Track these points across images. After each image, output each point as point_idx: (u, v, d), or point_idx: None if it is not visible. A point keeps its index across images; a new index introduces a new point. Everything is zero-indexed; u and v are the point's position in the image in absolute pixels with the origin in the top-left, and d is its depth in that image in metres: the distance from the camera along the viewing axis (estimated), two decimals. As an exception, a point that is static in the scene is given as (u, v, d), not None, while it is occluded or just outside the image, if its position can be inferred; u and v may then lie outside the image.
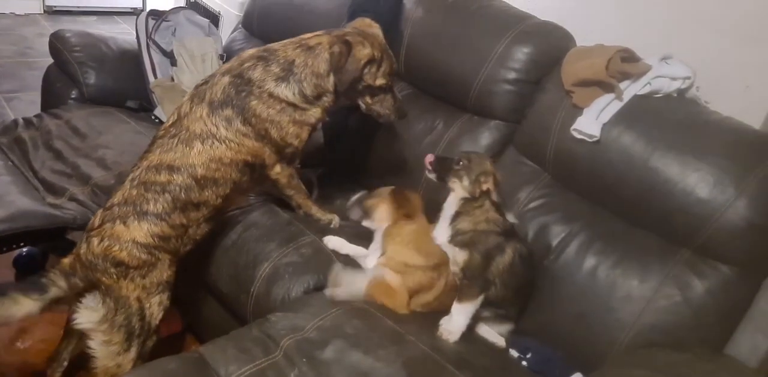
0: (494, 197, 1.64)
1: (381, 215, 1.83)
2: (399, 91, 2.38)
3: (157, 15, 2.82)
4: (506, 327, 1.78)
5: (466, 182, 1.65)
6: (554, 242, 1.87)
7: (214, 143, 1.69)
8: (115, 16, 5.52)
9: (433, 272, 1.75)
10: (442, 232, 1.70)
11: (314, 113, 1.80)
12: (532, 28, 2.09)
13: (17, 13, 5.21)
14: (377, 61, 1.76)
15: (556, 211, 1.93)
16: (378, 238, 1.84)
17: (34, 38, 4.70)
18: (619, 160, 1.78)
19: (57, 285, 1.52)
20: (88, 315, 1.56)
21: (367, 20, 1.90)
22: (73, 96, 2.69)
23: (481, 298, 1.65)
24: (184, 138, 1.70)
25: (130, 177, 1.71)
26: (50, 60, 2.85)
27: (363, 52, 1.72)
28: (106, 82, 2.69)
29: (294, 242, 1.87)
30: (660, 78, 1.79)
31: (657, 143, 1.74)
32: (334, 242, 1.89)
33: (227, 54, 2.87)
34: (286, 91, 1.73)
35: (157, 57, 2.76)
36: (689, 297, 1.65)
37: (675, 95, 1.82)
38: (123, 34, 3.04)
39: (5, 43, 4.62)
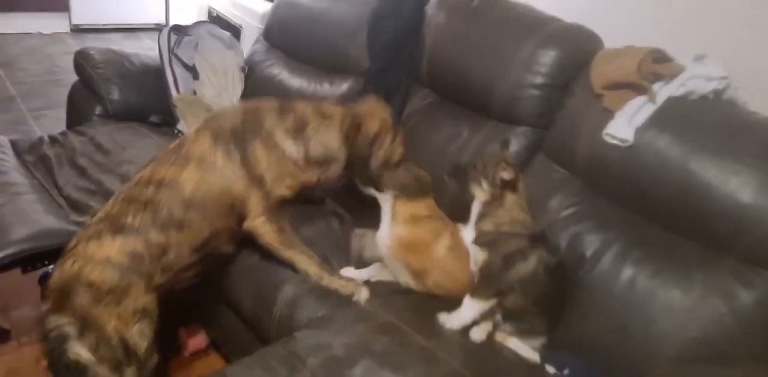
0: (517, 189, 1.63)
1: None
2: (422, 100, 2.37)
3: (179, 30, 2.82)
4: (535, 342, 1.71)
5: (485, 184, 1.63)
6: (588, 252, 1.79)
7: (208, 171, 1.68)
8: (139, 33, 5.59)
9: (440, 221, 1.80)
10: (468, 233, 1.68)
11: (311, 177, 1.80)
12: (558, 31, 2.03)
13: (44, 32, 5.29)
14: (384, 135, 1.83)
15: (589, 219, 1.85)
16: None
17: (60, 57, 4.76)
18: (654, 164, 1.71)
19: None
20: (71, 347, 1.52)
21: (379, 102, 1.96)
22: (97, 112, 2.70)
23: (493, 301, 1.61)
24: (182, 158, 1.68)
25: (115, 195, 1.69)
26: (76, 78, 2.87)
27: (371, 127, 1.79)
28: (129, 98, 2.70)
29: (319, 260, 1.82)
30: (695, 79, 1.72)
31: (694, 146, 1.66)
32: (349, 274, 1.83)
33: (249, 66, 2.87)
34: (292, 147, 1.74)
35: (179, 71, 2.76)
36: (735, 307, 1.56)
37: (711, 96, 1.75)
38: (147, 50, 3.05)
39: (32, 62, 4.69)
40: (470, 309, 1.63)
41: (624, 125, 1.74)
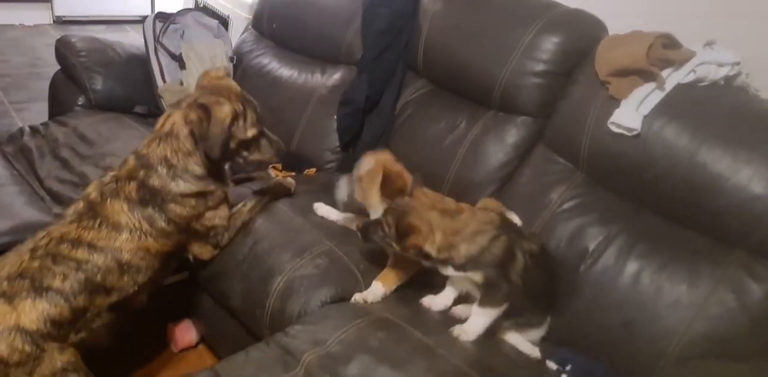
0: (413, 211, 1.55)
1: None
2: (418, 89, 2.30)
3: (164, 17, 2.73)
4: (534, 335, 1.66)
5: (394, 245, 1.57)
6: (591, 246, 1.74)
7: (141, 235, 1.58)
8: (124, 25, 5.49)
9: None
10: (449, 270, 1.58)
11: (222, 191, 1.73)
12: (561, 16, 1.96)
13: (26, 24, 5.18)
14: (241, 113, 1.63)
15: (592, 212, 1.80)
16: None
17: (43, 49, 4.64)
18: (662, 155, 1.65)
19: None
20: None
21: (213, 72, 1.77)
22: (80, 103, 2.61)
23: (506, 305, 1.55)
24: (110, 223, 1.56)
25: (29, 246, 1.52)
26: (59, 69, 2.79)
27: (223, 110, 1.58)
28: (113, 88, 2.61)
29: (308, 252, 1.75)
30: (705, 65, 1.67)
31: (704, 135, 1.61)
32: (323, 210, 1.93)
33: (237, 56, 2.78)
34: (185, 185, 1.63)
35: (165, 60, 2.66)
36: (746, 302, 1.52)
37: (722, 82, 1.70)
38: (132, 42, 2.98)
39: (15, 54, 4.59)
40: (482, 316, 1.57)
41: (630, 114, 1.68)
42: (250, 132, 1.66)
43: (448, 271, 1.58)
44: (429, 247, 1.52)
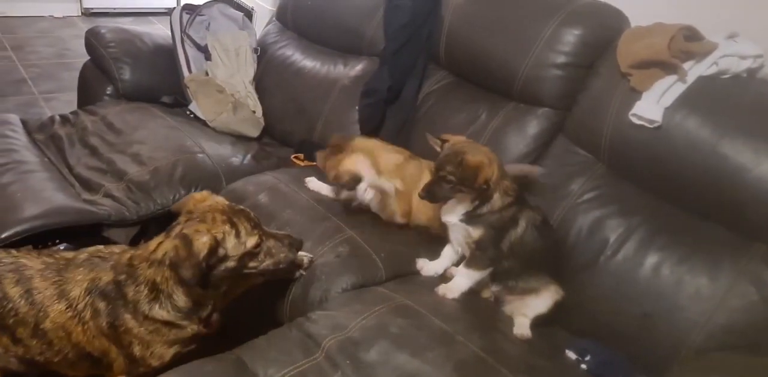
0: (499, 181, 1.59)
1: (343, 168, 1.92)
2: (439, 81, 2.31)
3: (191, 9, 2.77)
4: (535, 304, 1.67)
5: (466, 189, 1.58)
6: (611, 237, 1.75)
7: (76, 318, 1.47)
8: (150, 17, 5.55)
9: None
10: (455, 215, 1.65)
11: (191, 329, 1.54)
12: (582, 8, 1.96)
13: (55, 15, 5.27)
14: (229, 233, 1.46)
15: (613, 203, 1.80)
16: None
17: (71, 40, 4.74)
18: (684, 147, 1.65)
19: None
20: None
21: (197, 195, 1.56)
22: (108, 92, 2.66)
23: (489, 270, 1.64)
24: (61, 289, 1.48)
25: None
26: (87, 61, 2.83)
27: (202, 240, 1.42)
28: (140, 78, 2.65)
29: (330, 239, 1.78)
30: (727, 57, 1.65)
31: (725, 127, 1.60)
32: (314, 184, 2.06)
33: (261, 47, 2.81)
34: (160, 311, 1.49)
35: (191, 51, 2.71)
36: (766, 295, 1.51)
37: (744, 75, 1.69)
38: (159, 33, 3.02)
39: (44, 45, 4.67)
40: (466, 277, 1.66)
41: (652, 106, 1.67)
42: (250, 242, 1.49)
43: (454, 218, 1.64)
44: (491, 178, 1.56)
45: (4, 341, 1.49)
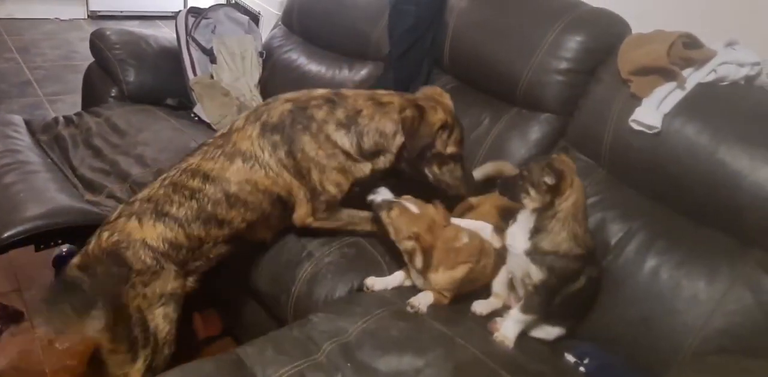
0: (561, 193, 1.47)
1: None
2: (443, 86, 2.32)
3: (197, 12, 2.80)
4: (549, 330, 1.66)
5: (532, 192, 1.49)
6: (612, 242, 1.76)
7: (254, 165, 1.64)
8: (157, 20, 5.57)
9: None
10: (518, 242, 1.54)
11: (363, 168, 1.70)
12: (585, 15, 1.99)
13: (61, 18, 5.29)
14: (449, 127, 1.69)
15: (613, 208, 1.82)
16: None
17: (77, 42, 4.76)
18: (682, 153, 1.67)
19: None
20: (90, 322, 1.49)
21: (438, 89, 1.81)
22: (113, 94, 2.67)
23: (540, 314, 1.58)
24: (228, 151, 1.65)
25: (163, 176, 1.67)
26: (92, 63, 2.85)
27: (436, 117, 1.66)
28: (145, 80, 2.67)
29: (338, 240, 1.81)
30: (726, 64, 1.68)
31: (724, 134, 1.62)
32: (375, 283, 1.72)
33: (267, 51, 2.83)
34: (344, 138, 1.66)
35: (196, 54, 2.73)
36: (762, 300, 1.53)
37: (742, 82, 1.71)
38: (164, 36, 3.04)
39: (50, 47, 4.69)
40: (520, 322, 1.57)
41: (651, 112, 1.69)
42: (450, 149, 1.70)
43: (519, 246, 1.53)
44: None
45: (213, 231, 1.62)
